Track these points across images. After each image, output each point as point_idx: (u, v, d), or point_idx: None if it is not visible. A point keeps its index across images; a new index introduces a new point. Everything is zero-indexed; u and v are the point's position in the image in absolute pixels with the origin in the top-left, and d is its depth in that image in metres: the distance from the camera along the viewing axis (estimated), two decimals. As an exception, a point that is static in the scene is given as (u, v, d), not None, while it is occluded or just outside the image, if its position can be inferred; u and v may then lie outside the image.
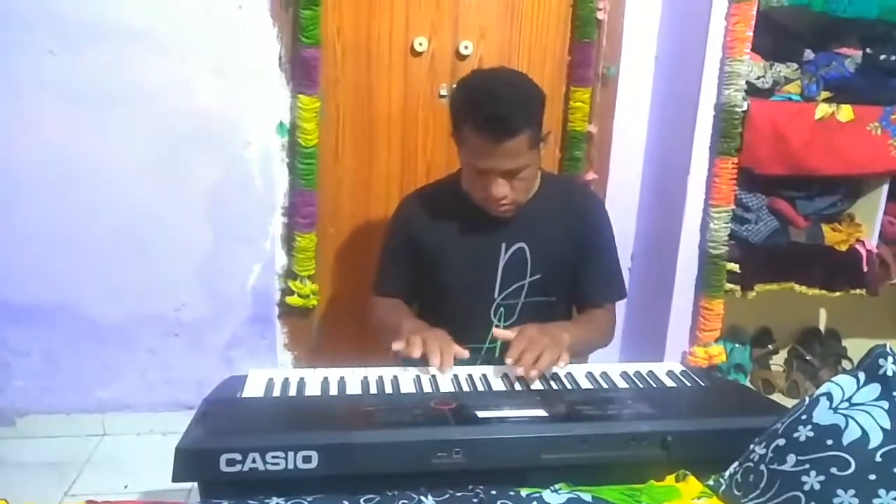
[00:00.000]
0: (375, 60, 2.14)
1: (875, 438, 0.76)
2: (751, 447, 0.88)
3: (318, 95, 2.06)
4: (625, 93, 2.27)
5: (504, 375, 1.21)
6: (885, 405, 0.78)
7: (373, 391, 1.13)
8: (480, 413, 0.99)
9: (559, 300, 1.55)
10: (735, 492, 0.86)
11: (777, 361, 2.56)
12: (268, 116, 2.09)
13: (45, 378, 2.16)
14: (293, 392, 1.12)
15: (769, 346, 2.53)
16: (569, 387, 1.18)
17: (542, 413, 1.00)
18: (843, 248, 2.17)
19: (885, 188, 2.16)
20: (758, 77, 2.00)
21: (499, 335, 1.31)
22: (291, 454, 0.87)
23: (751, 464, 0.86)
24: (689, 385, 1.21)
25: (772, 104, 2.03)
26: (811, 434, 0.80)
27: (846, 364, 2.50)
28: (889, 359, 0.80)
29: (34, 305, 2.10)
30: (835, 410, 0.80)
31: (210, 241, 2.14)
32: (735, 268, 2.09)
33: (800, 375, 2.45)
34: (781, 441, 0.83)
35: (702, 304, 2.12)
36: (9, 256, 2.05)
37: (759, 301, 2.20)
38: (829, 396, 0.82)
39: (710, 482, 0.92)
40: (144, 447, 2.17)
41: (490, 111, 1.28)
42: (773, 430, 0.86)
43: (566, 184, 1.88)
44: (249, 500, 0.85)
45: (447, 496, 0.86)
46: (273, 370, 1.20)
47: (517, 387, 1.17)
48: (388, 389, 1.14)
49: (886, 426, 0.76)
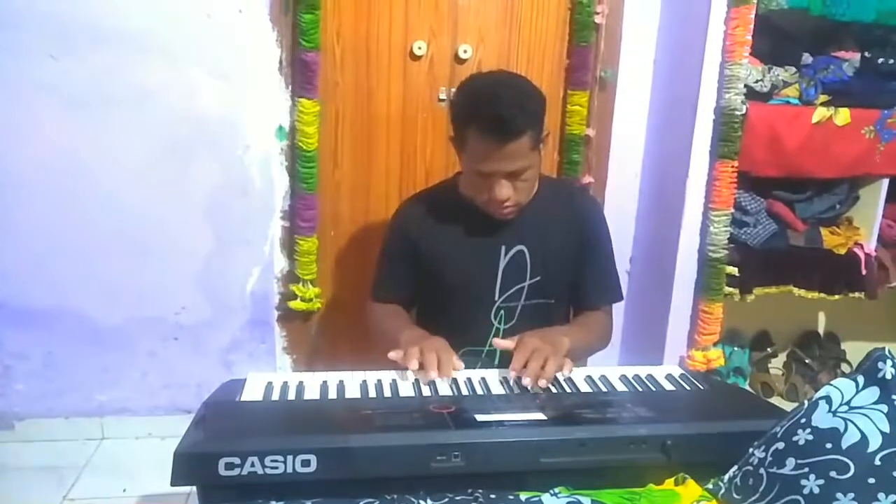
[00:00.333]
0: (375, 64, 2.14)
1: (874, 442, 0.76)
2: (750, 451, 0.88)
3: (319, 99, 2.07)
4: (623, 96, 2.27)
5: (503, 379, 1.22)
6: (884, 408, 0.78)
7: (372, 395, 1.13)
8: (479, 416, 0.99)
9: (558, 302, 1.55)
10: (734, 495, 0.86)
11: (776, 365, 2.56)
12: (267, 120, 2.09)
13: (45, 381, 2.15)
14: (292, 396, 1.12)
15: (768, 350, 2.53)
16: (568, 390, 1.18)
17: (541, 416, 1.00)
18: (842, 252, 2.16)
19: (884, 191, 2.16)
20: (756, 81, 2.01)
21: (499, 345, 1.30)
22: (290, 458, 0.87)
23: (750, 467, 0.86)
24: (688, 388, 1.21)
25: (770, 108, 2.04)
26: (810, 437, 0.81)
27: (845, 367, 2.50)
28: (888, 362, 0.80)
29: (34, 309, 2.10)
30: (834, 414, 0.80)
31: (209, 245, 2.14)
32: (734, 271, 2.09)
33: (799, 379, 2.45)
34: (781, 444, 0.83)
35: (701, 308, 2.12)
36: (9, 259, 2.05)
37: (758, 304, 2.20)
38: (829, 400, 0.82)
39: (710, 486, 0.92)
40: (143, 451, 2.17)
41: (493, 113, 1.28)
42: (773, 434, 0.86)
43: (565, 186, 1.88)
44: (248, 504, 0.85)
45: (446, 500, 0.86)
46: (272, 374, 1.20)
47: (516, 390, 1.17)
48: (387, 393, 1.14)
49: (885, 429, 0.77)
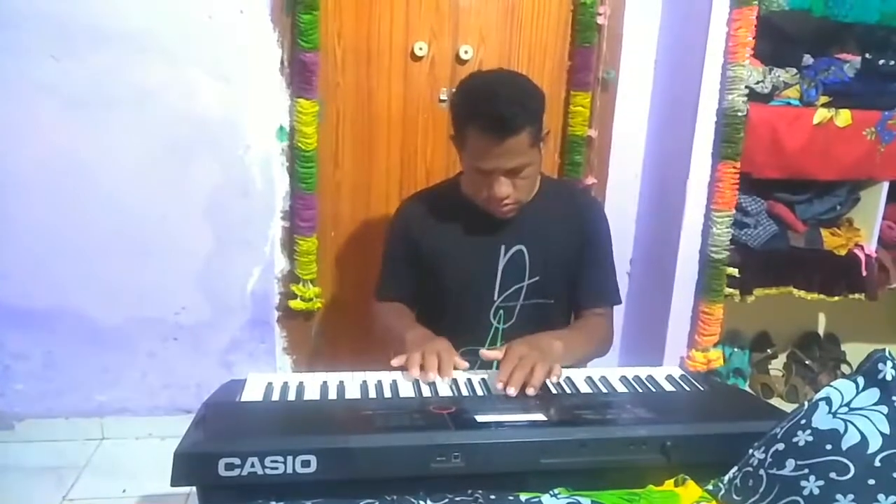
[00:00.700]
0: (375, 65, 2.14)
1: (874, 443, 0.76)
2: (750, 452, 0.88)
3: (318, 99, 2.07)
4: (624, 97, 2.27)
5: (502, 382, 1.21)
6: (884, 410, 0.78)
7: (372, 395, 1.13)
8: (479, 417, 0.99)
9: (558, 302, 1.54)
10: (734, 496, 0.86)
11: (776, 366, 2.56)
12: (268, 120, 2.09)
13: (44, 382, 2.16)
14: (292, 396, 1.11)
15: (768, 351, 2.53)
16: (568, 391, 1.18)
17: (542, 417, 1.00)
18: (842, 253, 2.16)
19: (884, 193, 2.16)
20: (757, 82, 2.01)
21: (487, 356, 1.26)
22: (290, 458, 0.87)
23: (750, 468, 0.86)
24: (688, 389, 1.21)
25: (771, 109, 2.04)
26: (810, 439, 0.80)
27: (845, 368, 2.50)
28: (888, 363, 0.80)
29: (34, 309, 2.10)
30: (834, 415, 0.80)
31: (210, 245, 2.14)
32: (734, 272, 2.09)
33: (799, 380, 2.45)
34: (781, 446, 0.83)
35: (701, 309, 2.12)
36: (9, 259, 2.05)
37: (758, 305, 2.20)
38: (829, 401, 0.82)
39: (710, 487, 0.91)
40: (143, 451, 2.17)
41: (492, 109, 1.29)
42: (773, 435, 0.86)
43: (566, 187, 1.88)
44: (248, 505, 0.85)
45: (446, 500, 0.86)
46: (272, 374, 1.19)
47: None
48: (388, 394, 1.14)
49: (885, 431, 0.76)
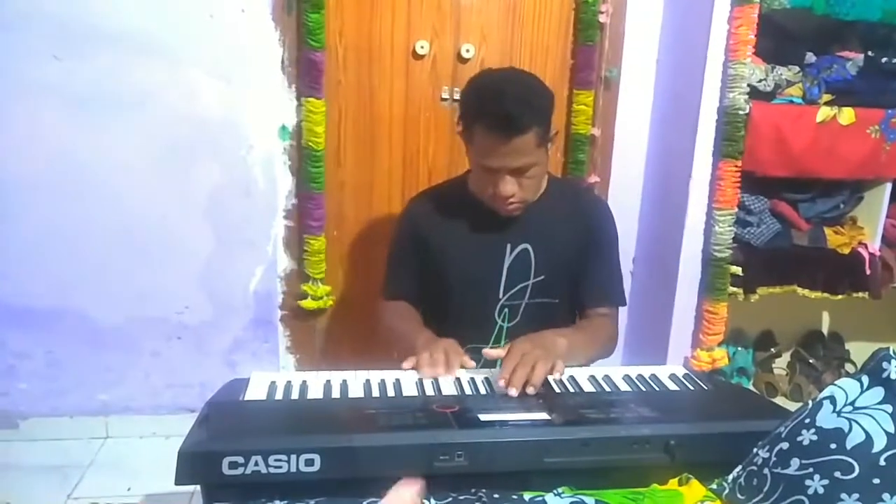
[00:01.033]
0: (377, 63, 2.14)
1: (879, 442, 0.76)
2: (754, 451, 0.88)
3: (325, 99, 2.06)
4: (627, 96, 2.27)
5: (504, 380, 1.21)
6: (889, 408, 0.78)
7: (375, 394, 1.13)
8: (483, 416, 0.99)
9: (562, 301, 1.54)
10: (738, 495, 0.86)
11: (780, 365, 2.56)
12: (270, 120, 2.10)
13: (48, 381, 2.16)
14: (296, 395, 1.11)
15: (772, 350, 2.52)
16: (571, 390, 1.18)
17: (545, 416, 1.00)
18: (846, 251, 2.16)
19: (888, 191, 2.16)
20: (759, 80, 2.00)
21: (490, 355, 1.26)
22: (294, 457, 0.87)
23: (754, 467, 0.86)
24: (692, 388, 1.21)
25: (773, 107, 2.03)
26: (815, 438, 0.80)
27: (849, 367, 2.50)
28: (892, 362, 0.80)
29: (37, 308, 2.10)
30: (838, 414, 0.80)
31: (212, 245, 2.15)
32: (738, 271, 2.09)
33: (803, 379, 2.45)
34: (785, 445, 0.83)
35: (705, 308, 2.11)
36: (12, 259, 2.06)
37: (762, 304, 2.19)
38: (833, 400, 0.82)
39: (714, 486, 0.91)
40: (147, 450, 2.17)
41: (499, 108, 1.28)
42: (777, 434, 0.86)
43: (572, 186, 1.88)
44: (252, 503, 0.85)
45: (449, 499, 0.86)
46: (275, 373, 1.20)
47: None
48: (391, 392, 1.14)
49: (890, 430, 0.76)
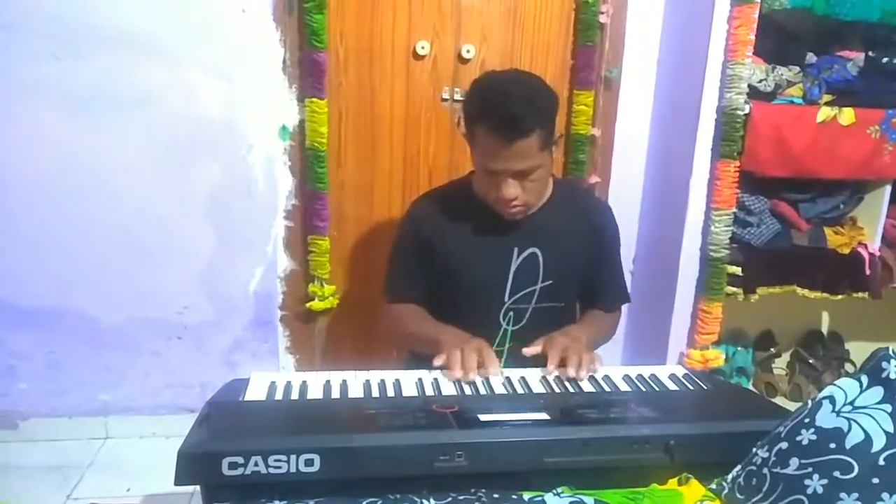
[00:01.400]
0: (378, 64, 2.14)
1: (878, 442, 0.76)
2: (753, 451, 0.88)
3: (327, 99, 2.07)
4: (627, 96, 2.27)
5: (506, 379, 1.21)
6: (888, 408, 0.78)
7: (375, 394, 1.13)
8: (483, 416, 0.99)
9: (568, 306, 1.55)
10: (738, 495, 0.86)
11: (780, 365, 2.56)
12: (271, 120, 2.10)
13: (48, 381, 2.16)
14: (295, 395, 1.12)
15: (772, 350, 2.52)
16: (571, 390, 1.18)
17: (545, 416, 1.00)
18: (846, 252, 2.16)
19: (888, 191, 2.16)
20: (760, 80, 2.00)
21: (529, 353, 1.32)
22: (294, 457, 0.87)
23: (753, 467, 0.86)
24: (692, 388, 1.21)
25: (774, 107, 2.03)
26: (814, 437, 0.80)
27: (849, 367, 2.50)
28: (892, 362, 0.80)
29: (37, 309, 2.10)
30: (838, 414, 0.80)
31: (212, 245, 2.15)
32: (737, 271, 2.09)
33: (802, 379, 2.45)
34: (784, 444, 0.83)
35: (700, 307, 2.12)
36: (12, 259, 2.06)
37: (762, 304, 2.19)
38: (832, 400, 0.82)
39: (713, 486, 0.91)
40: (147, 450, 2.17)
41: (502, 111, 1.28)
42: (776, 434, 0.86)
43: (574, 188, 1.88)
44: (251, 504, 0.85)
45: (449, 499, 0.86)
46: (275, 373, 1.20)
47: (519, 390, 1.17)
48: (391, 392, 1.14)
49: (889, 429, 0.76)
